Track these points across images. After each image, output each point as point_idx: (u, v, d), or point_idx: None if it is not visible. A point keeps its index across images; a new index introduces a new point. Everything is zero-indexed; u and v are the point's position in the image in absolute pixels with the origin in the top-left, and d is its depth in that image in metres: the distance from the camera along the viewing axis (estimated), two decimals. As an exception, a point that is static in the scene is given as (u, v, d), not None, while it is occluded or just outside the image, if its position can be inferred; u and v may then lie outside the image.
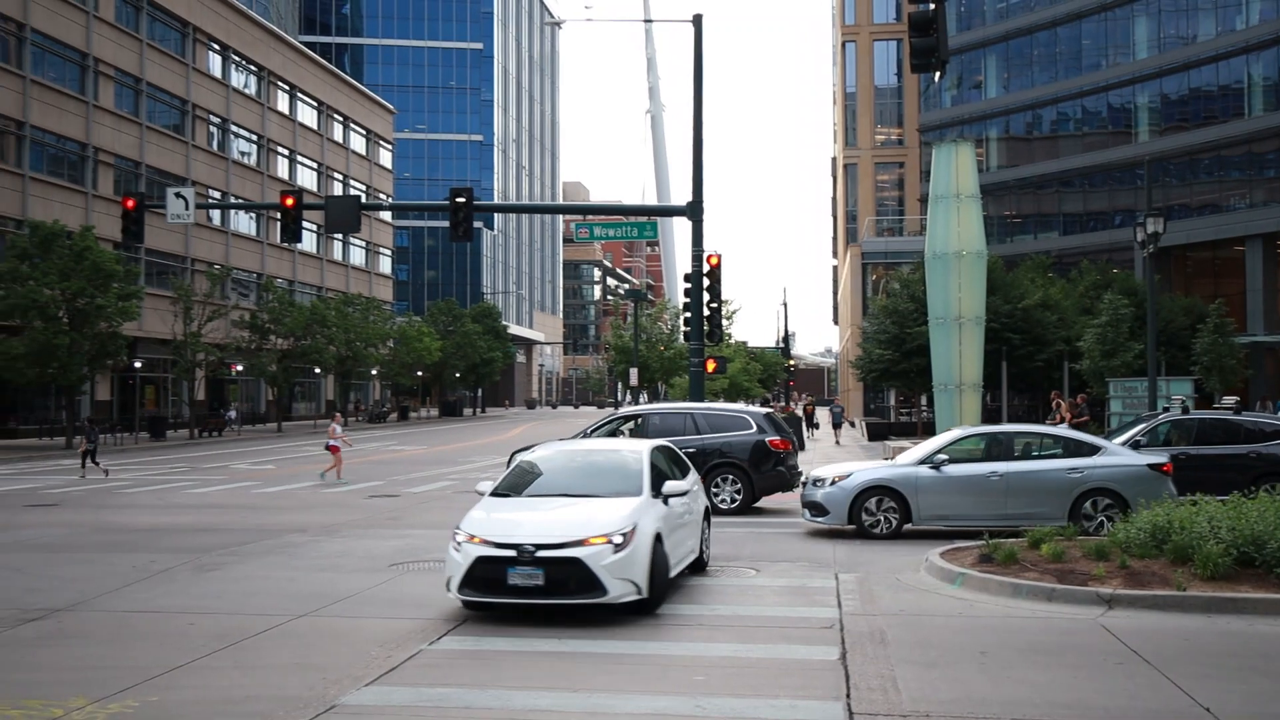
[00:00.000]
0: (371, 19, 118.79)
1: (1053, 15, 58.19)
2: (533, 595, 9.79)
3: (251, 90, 66.73)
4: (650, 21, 50.81)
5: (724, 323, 30.47)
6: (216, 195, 60.56)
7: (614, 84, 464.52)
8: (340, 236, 75.53)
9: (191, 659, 8.77)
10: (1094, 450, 15.55)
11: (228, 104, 63.32)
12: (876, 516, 15.54)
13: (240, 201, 62.23)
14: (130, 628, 10.04)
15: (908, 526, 15.60)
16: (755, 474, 18.82)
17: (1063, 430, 17.44)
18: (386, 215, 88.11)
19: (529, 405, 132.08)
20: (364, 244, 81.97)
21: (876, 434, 45.31)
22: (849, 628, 9.83)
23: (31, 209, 46.16)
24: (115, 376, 51.34)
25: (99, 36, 51.72)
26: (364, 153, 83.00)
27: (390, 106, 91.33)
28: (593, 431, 19.81)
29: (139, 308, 45.03)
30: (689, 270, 27.48)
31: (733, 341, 72.60)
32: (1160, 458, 15.79)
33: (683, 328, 30.32)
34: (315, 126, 74.78)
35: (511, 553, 9.74)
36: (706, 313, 27.10)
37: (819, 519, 15.97)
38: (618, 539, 9.83)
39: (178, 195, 28.89)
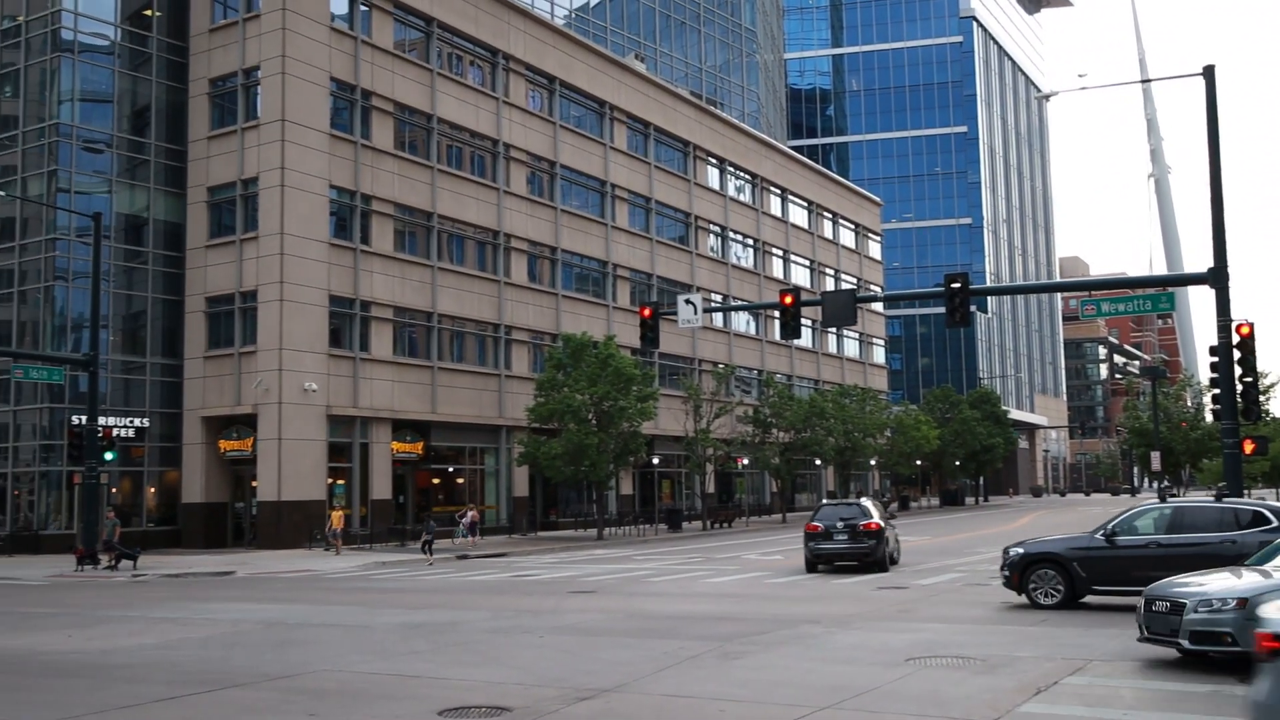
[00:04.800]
0: (855, 116, 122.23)
1: None
2: None
3: (746, 197, 70.69)
4: (1148, 81, 47.66)
5: (1260, 398, 27.45)
6: (718, 298, 64.45)
7: (1109, 149, 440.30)
8: (834, 330, 77.27)
9: (726, 745, 9.16)
10: None
11: (725, 212, 67.52)
12: None
13: (741, 302, 65.67)
14: (669, 712, 10.69)
15: None
16: None
17: None
18: (878, 305, 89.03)
19: (1034, 493, 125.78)
20: (857, 335, 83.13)
21: None
22: None
23: (563, 323, 51.82)
24: (636, 472, 55.79)
25: (614, 164, 57.50)
26: (853, 246, 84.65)
27: (876, 199, 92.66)
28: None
29: (655, 408, 48.73)
30: (1212, 343, 25.18)
31: (1272, 418, 65.02)
32: None
33: (1210, 405, 27.68)
34: (806, 225, 77.55)
35: None
36: (1239, 388, 24.58)
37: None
38: None
39: (687, 302, 30.99)
